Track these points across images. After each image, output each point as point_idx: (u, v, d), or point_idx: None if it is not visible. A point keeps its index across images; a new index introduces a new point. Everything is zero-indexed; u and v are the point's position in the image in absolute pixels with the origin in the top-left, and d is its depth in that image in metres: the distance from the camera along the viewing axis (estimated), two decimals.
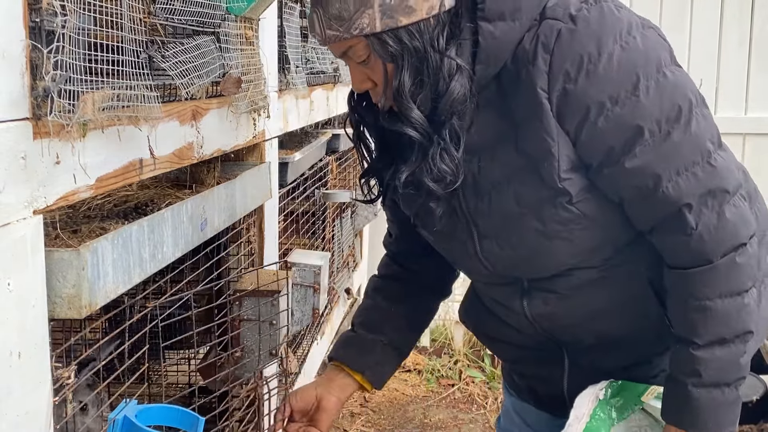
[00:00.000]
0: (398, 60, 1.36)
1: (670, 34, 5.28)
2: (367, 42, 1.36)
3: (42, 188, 1.07)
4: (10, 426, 1.02)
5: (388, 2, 1.33)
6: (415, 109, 1.38)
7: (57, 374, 1.14)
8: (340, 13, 1.34)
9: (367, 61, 1.39)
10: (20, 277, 1.03)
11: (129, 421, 1.25)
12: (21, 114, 1.02)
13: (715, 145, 1.38)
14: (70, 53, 1.05)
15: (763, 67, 4.78)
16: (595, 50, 1.33)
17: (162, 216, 1.43)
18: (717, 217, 1.37)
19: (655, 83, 1.35)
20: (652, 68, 1.35)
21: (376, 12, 1.33)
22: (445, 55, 1.36)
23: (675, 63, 1.40)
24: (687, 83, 1.39)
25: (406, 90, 1.37)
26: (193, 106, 1.59)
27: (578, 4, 1.38)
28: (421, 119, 1.39)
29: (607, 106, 1.34)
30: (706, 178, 1.37)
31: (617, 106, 1.34)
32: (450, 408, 3.95)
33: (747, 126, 4.81)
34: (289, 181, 2.70)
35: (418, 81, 1.38)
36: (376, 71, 1.40)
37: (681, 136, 1.36)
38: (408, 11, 1.34)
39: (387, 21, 1.33)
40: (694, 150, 1.36)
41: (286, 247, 2.86)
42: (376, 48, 1.36)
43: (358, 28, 1.34)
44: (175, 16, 1.47)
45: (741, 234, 1.39)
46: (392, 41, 1.35)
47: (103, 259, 1.20)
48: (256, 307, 1.87)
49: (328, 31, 1.36)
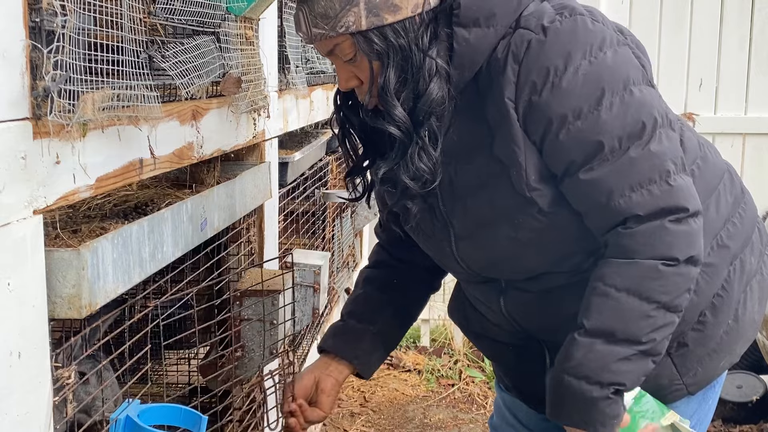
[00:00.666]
0: (384, 58, 1.38)
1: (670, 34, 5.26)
2: (353, 40, 1.37)
3: (42, 188, 1.07)
4: (10, 426, 1.02)
5: (374, 0, 1.33)
6: (399, 106, 1.39)
7: (57, 374, 1.14)
8: (325, 11, 1.35)
9: (354, 59, 1.40)
10: (20, 277, 1.03)
11: (131, 421, 1.25)
12: (21, 114, 1.02)
13: (677, 167, 1.38)
14: (70, 53, 1.05)
15: (763, 67, 4.78)
16: (562, 63, 1.35)
17: (162, 216, 1.43)
18: (660, 228, 1.36)
19: (619, 100, 1.36)
20: (619, 85, 1.36)
21: (362, 10, 1.34)
22: (427, 55, 1.38)
23: (647, 82, 1.41)
24: (654, 102, 1.39)
25: (391, 87, 1.39)
26: (193, 106, 1.59)
27: (552, 15, 1.39)
28: (404, 117, 1.40)
29: (569, 119, 1.36)
30: (662, 196, 1.36)
31: (579, 121, 1.36)
32: (450, 408, 3.95)
33: (747, 126, 4.81)
34: (289, 181, 2.70)
35: (401, 79, 1.39)
36: (362, 69, 1.41)
37: (639, 153, 1.36)
38: (393, 9, 1.35)
39: (373, 19, 1.35)
40: (652, 168, 1.36)
41: (286, 247, 2.86)
42: (362, 46, 1.37)
43: (344, 26, 1.35)
44: (175, 16, 1.47)
45: (678, 249, 1.37)
46: (378, 39, 1.36)
47: (103, 259, 1.20)
48: (257, 306, 1.87)
49: (314, 29, 1.38)
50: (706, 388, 1.63)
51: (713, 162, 1.60)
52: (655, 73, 4.85)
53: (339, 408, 3.86)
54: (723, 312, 1.57)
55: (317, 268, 2.67)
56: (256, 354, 1.93)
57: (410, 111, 1.41)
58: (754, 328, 1.65)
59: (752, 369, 3.85)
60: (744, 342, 1.64)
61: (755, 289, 1.62)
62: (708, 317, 1.56)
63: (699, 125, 4.77)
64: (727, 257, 1.56)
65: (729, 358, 1.63)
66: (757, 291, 1.63)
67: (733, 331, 1.59)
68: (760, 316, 1.66)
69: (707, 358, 1.58)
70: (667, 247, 1.36)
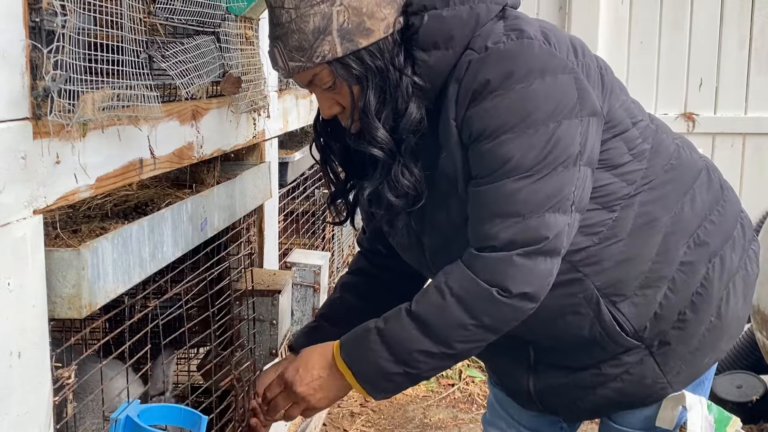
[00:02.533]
0: (363, 81, 1.42)
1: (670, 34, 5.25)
2: (330, 68, 1.41)
3: (42, 188, 1.07)
4: (10, 425, 1.02)
5: (346, 26, 1.38)
6: (381, 128, 1.44)
7: (57, 374, 1.14)
8: (300, 44, 1.39)
9: (333, 86, 1.44)
10: (20, 277, 1.03)
11: (131, 421, 1.25)
12: (21, 114, 1.02)
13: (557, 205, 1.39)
14: (70, 53, 1.05)
15: (763, 67, 4.78)
16: (496, 82, 1.38)
17: (162, 216, 1.43)
18: (506, 259, 1.40)
19: (534, 131, 1.38)
20: (540, 115, 1.38)
21: (336, 38, 1.38)
22: (404, 74, 1.42)
23: (578, 115, 1.41)
24: (570, 139, 1.40)
25: (372, 109, 1.43)
26: (193, 106, 1.59)
27: (499, 36, 1.42)
28: (386, 138, 1.44)
29: (484, 136, 1.39)
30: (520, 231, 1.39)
31: (489, 141, 1.38)
32: (450, 408, 3.95)
33: (747, 126, 4.82)
34: (289, 181, 2.70)
35: (381, 100, 1.43)
36: (343, 95, 1.45)
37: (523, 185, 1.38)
38: (366, 33, 1.39)
39: (347, 45, 1.39)
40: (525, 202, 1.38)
41: (286, 247, 2.86)
42: (340, 72, 1.41)
43: (320, 55, 1.39)
44: (175, 16, 1.47)
45: (514, 283, 1.40)
46: (355, 64, 1.40)
47: (103, 259, 1.20)
48: (257, 307, 1.87)
49: (290, 63, 1.41)
50: (694, 385, 1.65)
51: (689, 162, 1.62)
52: (655, 73, 4.86)
53: (339, 408, 3.86)
54: (704, 309, 1.58)
55: (317, 268, 2.67)
56: (256, 354, 1.93)
57: (391, 130, 1.45)
58: (739, 324, 1.66)
59: (752, 369, 3.85)
60: (729, 338, 1.66)
61: (739, 286, 1.63)
62: (689, 315, 1.57)
63: (699, 125, 4.78)
64: (705, 255, 1.58)
65: (713, 355, 1.64)
66: (741, 287, 1.64)
67: (716, 328, 1.61)
68: (746, 312, 1.67)
69: (690, 356, 1.60)
70: (504, 278, 1.40)
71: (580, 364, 1.63)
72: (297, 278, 2.61)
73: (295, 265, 2.64)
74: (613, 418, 1.71)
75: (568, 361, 1.64)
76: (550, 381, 1.68)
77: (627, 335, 1.55)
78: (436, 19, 1.42)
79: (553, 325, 1.58)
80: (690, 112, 4.78)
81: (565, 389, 1.67)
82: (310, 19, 1.37)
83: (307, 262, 2.68)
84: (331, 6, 1.37)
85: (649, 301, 1.54)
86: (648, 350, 1.58)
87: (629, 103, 1.57)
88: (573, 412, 1.73)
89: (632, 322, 1.55)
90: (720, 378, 3.80)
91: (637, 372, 1.59)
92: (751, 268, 1.67)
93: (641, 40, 4.87)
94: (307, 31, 1.37)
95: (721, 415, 1.63)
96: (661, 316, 1.55)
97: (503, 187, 1.39)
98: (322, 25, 1.37)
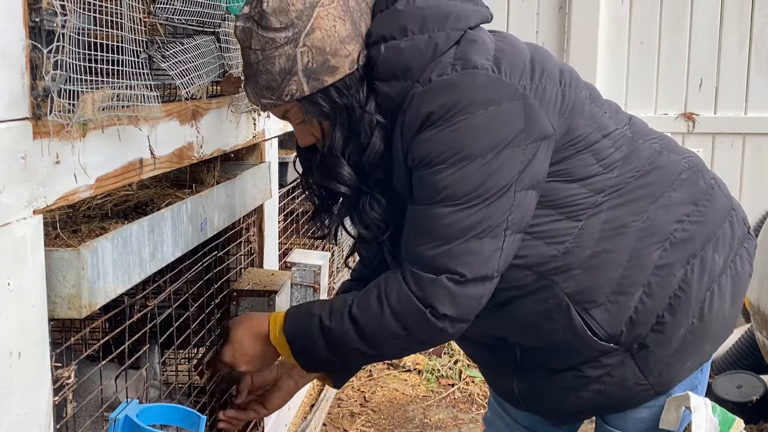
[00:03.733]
0: (330, 117, 1.48)
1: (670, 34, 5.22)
2: (300, 105, 1.47)
3: (42, 188, 1.07)
4: (10, 425, 1.02)
5: (311, 66, 1.43)
6: (346, 165, 1.50)
7: (57, 374, 1.14)
8: (268, 84, 1.45)
9: (304, 121, 1.51)
10: (20, 277, 1.03)
11: (130, 421, 1.25)
12: (21, 114, 1.02)
13: (496, 229, 1.43)
14: (70, 53, 1.05)
15: (763, 67, 4.78)
16: (436, 114, 1.40)
17: (162, 216, 1.43)
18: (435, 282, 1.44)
19: (470, 162, 1.40)
20: (478, 147, 1.41)
21: (302, 77, 1.43)
22: (366, 111, 1.47)
23: (524, 142, 1.43)
24: (514, 167, 1.42)
25: (338, 146, 1.49)
26: (193, 106, 1.59)
27: (444, 68, 1.44)
28: (350, 175, 1.51)
29: (423, 163, 1.42)
30: (446, 256, 1.43)
31: (426, 168, 1.42)
32: (450, 408, 3.95)
33: (747, 126, 4.81)
34: (289, 181, 2.70)
35: (346, 136, 1.49)
36: (314, 128, 1.52)
37: (452, 211, 1.42)
38: (331, 71, 1.44)
39: (313, 83, 1.44)
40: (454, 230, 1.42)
41: (286, 247, 2.86)
42: (309, 109, 1.47)
43: (288, 94, 1.45)
44: (175, 16, 1.47)
45: (442, 305, 1.44)
46: (323, 101, 1.46)
47: (103, 259, 1.20)
48: (253, 307, 1.87)
49: (262, 100, 1.49)
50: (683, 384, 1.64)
51: (667, 164, 1.60)
52: (655, 73, 4.86)
53: (339, 408, 3.86)
54: (682, 311, 1.57)
55: (317, 268, 2.67)
56: None
57: (355, 164, 1.51)
58: (725, 325, 1.64)
59: (752, 369, 3.85)
60: (714, 339, 1.63)
61: (725, 286, 1.61)
62: (667, 318, 1.56)
63: (699, 125, 4.77)
64: (682, 256, 1.56)
65: (697, 357, 1.63)
66: (728, 287, 1.62)
67: (698, 330, 1.59)
68: (734, 312, 1.64)
69: (672, 358, 1.59)
70: (435, 298, 1.45)
71: (561, 365, 1.63)
72: (297, 278, 2.61)
73: (295, 265, 2.64)
74: (606, 419, 1.71)
75: (551, 363, 1.64)
76: (534, 381, 1.68)
77: (600, 339, 1.55)
78: (392, 50, 1.45)
79: (531, 330, 1.60)
80: (690, 112, 4.78)
81: (548, 390, 1.67)
82: (275, 61, 1.43)
83: (307, 262, 2.68)
84: (294, 47, 1.42)
85: (623, 307, 1.54)
86: (628, 352, 1.57)
87: (599, 115, 1.56)
88: (556, 413, 1.73)
89: (605, 327, 1.55)
90: (720, 378, 3.80)
91: (618, 374, 1.59)
92: (742, 267, 1.65)
93: (641, 40, 4.87)
94: (273, 72, 1.44)
95: (725, 417, 1.63)
96: (637, 320, 1.55)
97: (433, 210, 1.43)
98: (287, 66, 1.43)
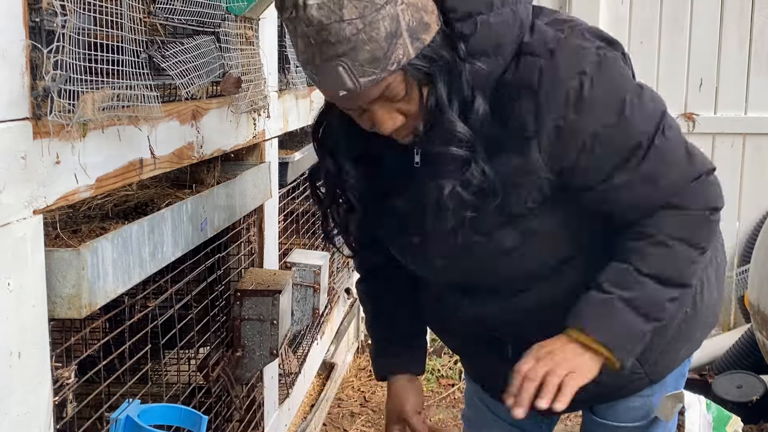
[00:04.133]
0: (434, 78, 1.34)
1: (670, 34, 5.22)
2: (403, 74, 1.32)
3: (42, 188, 1.07)
4: (10, 425, 1.02)
5: (412, 25, 1.30)
6: (458, 121, 1.35)
7: (57, 374, 1.14)
8: (373, 54, 1.28)
9: (407, 92, 1.35)
10: (20, 277, 1.03)
11: (131, 421, 1.25)
12: (21, 114, 1.02)
13: (687, 143, 1.48)
14: (70, 53, 1.05)
15: (763, 67, 4.78)
16: (578, 83, 1.36)
17: (162, 216, 1.43)
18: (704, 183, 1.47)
19: (637, 98, 1.40)
20: (630, 85, 1.42)
21: (407, 39, 1.29)
22: (465, 60, 1.35)
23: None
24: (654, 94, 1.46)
25: (446, 104, 1.35)
26: (193, 106, 1.59)
27: (553, 35, 1.40)
28: (466, 130, 1.36)
29: (600, 132, 1.38)
30: (697, 164, 1.46)
31: (611, 129, 1.38)
32: (450, 408, 3.95)
33: (747, 126, 4.81)
34: (289, 181, 2.70)
35: (448, 94, 1.36)
36: (412, 101, 1.36)
37: (662, 141, 1.42)
38: (426, 27, 1.32)
39: (417, 44, 1.31)
40: (676, 147, 1.45)
41: (286, 247, 2.86)
42: (414, 74, 1.32)
43: (395, 61, 1.29)
44: (175, 16, 1.47)
45: (716, 200, 1.48)
46: (425, 62, 1.32)
47: (103, 259, 1.20)
48: (257, 307, 1.87)
49: (361, 78, 1.29)
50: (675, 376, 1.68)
51: None
52: (655, 73, 4.86)
53: (339, 408, 3.86)
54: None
55: (317, 268, 2.67)
56: (256, 354, 1.93)
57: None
58: (713, 313, 1.71)
59: (752, 369, 3.85)
60: (704, 328, 1.69)
61: (711, 277, 1.67)
62: None
63: (699, 125, 4.77)
64: None
65: (689, 346, 1.68)
66: (714, 278, 1.68)
67: (692, 319, 1.64)
68: (719, 300, 1.73)
69: (667, 346, 1.62)
70: (712, 198, 1.48)
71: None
72: (297, 278, 2.61)
73: (295, 265, 2.64)
74: (595, 411, 1.71)
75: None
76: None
77: None
78: (485, 26, 1.35)
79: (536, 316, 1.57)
80: (690, 112, 4.77)
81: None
82: (380, 25, 1.26)
83: (307, 262, 2.68)
84: (394, 6, 1.27)
85: None
86: None
87: None
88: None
89: None
90: (720, 378, 3.80)
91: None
92: (721, 259, 1.73)
93: (641, 40, 4.87)
94: (379, 38, 1.27)
95: (720, 414, 1.64)
96: None
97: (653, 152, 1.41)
98: (392, 28, 1.27)
